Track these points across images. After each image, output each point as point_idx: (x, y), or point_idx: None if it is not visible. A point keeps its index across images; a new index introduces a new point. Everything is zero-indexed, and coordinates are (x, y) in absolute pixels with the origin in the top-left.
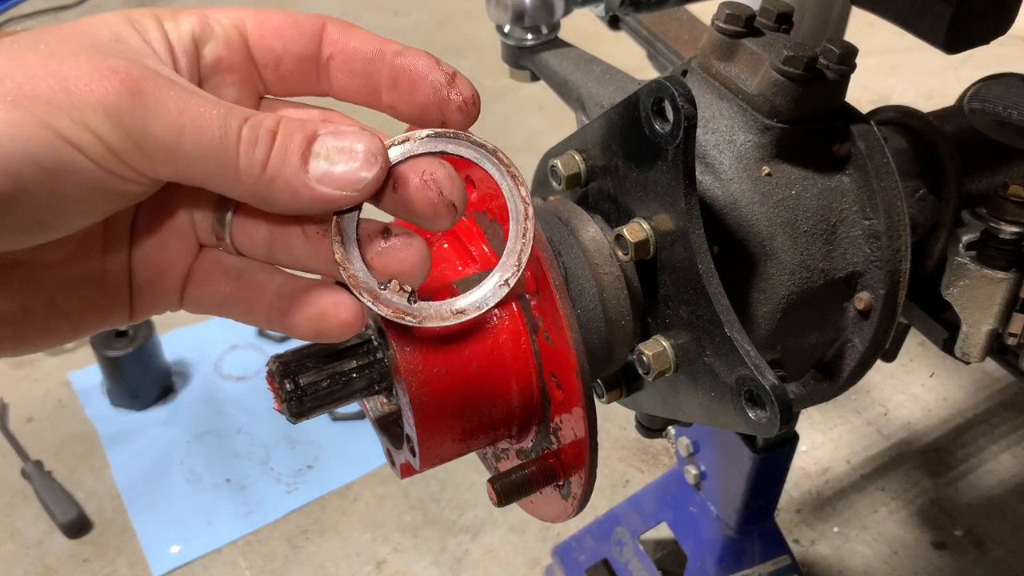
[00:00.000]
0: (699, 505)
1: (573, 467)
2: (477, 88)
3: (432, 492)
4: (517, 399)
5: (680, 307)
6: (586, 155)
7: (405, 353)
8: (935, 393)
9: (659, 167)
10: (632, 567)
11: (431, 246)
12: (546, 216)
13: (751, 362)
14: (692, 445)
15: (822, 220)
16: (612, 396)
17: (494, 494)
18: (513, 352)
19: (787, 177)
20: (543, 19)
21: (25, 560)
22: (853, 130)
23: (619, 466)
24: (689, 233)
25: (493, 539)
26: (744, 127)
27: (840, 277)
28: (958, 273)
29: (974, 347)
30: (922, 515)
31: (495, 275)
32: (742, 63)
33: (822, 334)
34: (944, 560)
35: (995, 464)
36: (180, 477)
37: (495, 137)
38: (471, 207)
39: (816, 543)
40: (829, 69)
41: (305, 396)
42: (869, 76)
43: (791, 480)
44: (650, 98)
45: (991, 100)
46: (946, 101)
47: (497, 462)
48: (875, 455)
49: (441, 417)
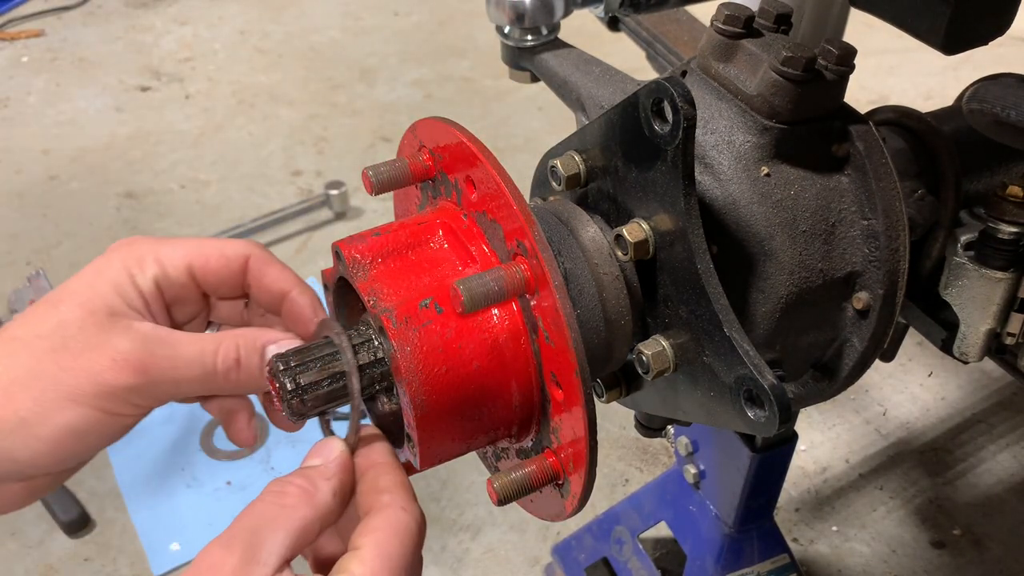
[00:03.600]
0: (698, 504)
1: (573, 466)
2: (477, 88)
3: (432, 491)
4: (517, 399)
5: (679, 307)
6: (586, 155)
7: (405, 353)
8: (933, 393)
9: (658, 167)
10: (631, 566)
11: (431, 246)
12: (546, 216)
13: (750, 362)
14: (691, 444)
15: (821, 220)
16: (611, 396)
17: (494, 493)
18: (513, 352)
19: (786, 177)
20: (543, 20)
21: (26, 559)
22: (852, 130)
23: (618, 465)
24: (688, 233)
25: (493, 538)
26: (743, 127)
27: (839, 277)
28: (956, 273)
29: (972, 347)
30: (920, 514)
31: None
32: (741, 64)
33: (821, 334)
34: (943, 559)
35: (993, 463)
36: (181, 477)
37: (495, 137)
38: (471, 207)
39: (815, 542)
40: (828, 70)
41: (306, 395)
42: (868, 76)
43: (790, 479)
44: (649, 99)
45: (989, 100)
46: (945, 101)
47: (497, 461)
48: (874, 454)
49: (441, 417)
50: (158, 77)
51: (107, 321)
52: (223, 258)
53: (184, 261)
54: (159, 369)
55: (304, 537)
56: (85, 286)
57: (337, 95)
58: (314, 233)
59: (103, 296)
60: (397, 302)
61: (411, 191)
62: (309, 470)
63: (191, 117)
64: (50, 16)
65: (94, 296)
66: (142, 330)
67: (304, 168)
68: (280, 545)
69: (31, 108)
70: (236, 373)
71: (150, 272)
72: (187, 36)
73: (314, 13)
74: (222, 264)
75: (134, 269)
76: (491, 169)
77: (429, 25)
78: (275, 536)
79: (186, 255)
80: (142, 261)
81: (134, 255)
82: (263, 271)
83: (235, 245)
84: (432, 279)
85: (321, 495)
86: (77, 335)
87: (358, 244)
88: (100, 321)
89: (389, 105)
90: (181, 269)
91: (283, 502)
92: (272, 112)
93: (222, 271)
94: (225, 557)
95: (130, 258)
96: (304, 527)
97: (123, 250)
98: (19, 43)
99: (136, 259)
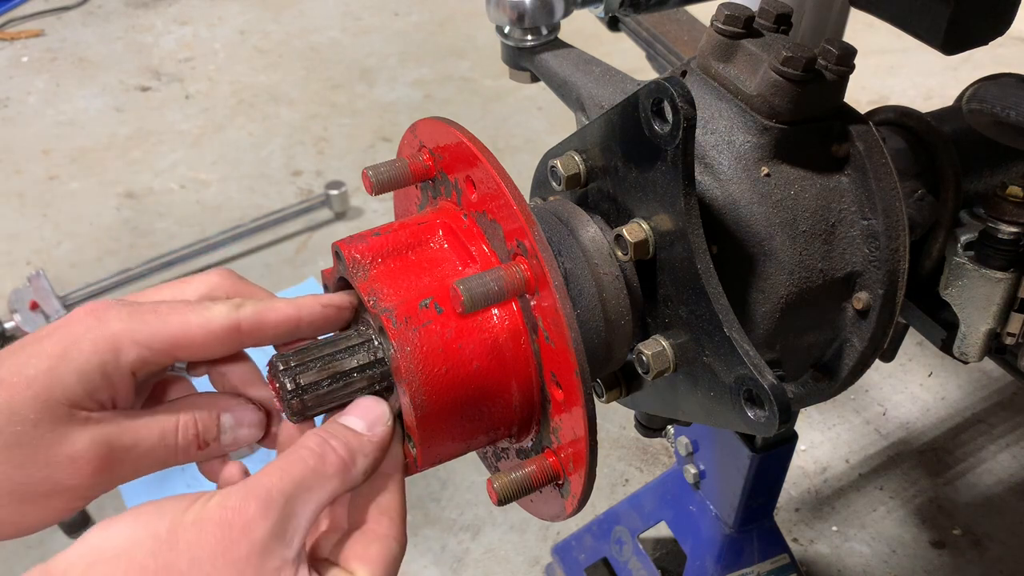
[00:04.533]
0: (698, 504)
1: (573, 466)
2: (477, 88)
3: (432, 491)
4: (517, 399)
5: (679, 307)
6: (586, 156)
7: (406, 353)
8: (933, 393)
9: (658, 167)
10: (631, 566)
11: (431, 246)
12: (546, 216)
13: (750, 362)
14: (691, 444)
15: (821, 220)
16: (611, 396)
17: (494, 493)
18: (513, 352)
19: (786, 177)
20: (543, 20)
21: (27, 559)
22: (852, 130)
23: (618, 465)
24: (688, 233)
25: (493, 538)
26: (743, 128)
27: (839, 277)
28: (956, 273)
29: (972, 347)
30: (920, 514)
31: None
32: (741, 64)
33: (821, 334)
34: (942, 559)
35: (993, 463)
36: (181, 477)
37: (495, 137)
38: (471, 207)
39: (815, 542)
40: (828, 70)
41: (306, 395)
42: (868, 76)
43: (790, 479)
44: (649, 99)
45: (989, 100)
46: (945, 101)
47: (497, 461)
48: (874, 454)
49: (441, 417)
50: (158, 77)
51: (65, 416)
52: (209, 336)
53: (166, 346)
54: (119, 463)
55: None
56: (44, 372)
57: (337, 95)
58: (314, 233)
59: (64, 388)
60: (397, 302)
61: (411, 191)
62: (352, 437)
63: (191, 117)
64: (50, 16)
65: (54, 387)
66: (102, 423)
67: (304, 168)
68: (307, 520)
69: (31, 108)
70: (195, 450)
71: (126, 360)
72: (187, 36)
73: (314, 13)
74: (210, 342)
75: (107, 357)
76: (491, 169)
77: (429, 25)
78: (306, 509)
79: (169, 340)
80: (118, 347)
81: (107, 338)
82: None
83: (220, 318)
84: (432, 279)
85: (355, 472)
86: (32, 432)
87: (358, 244)
88: (57, 416)
89: (389, 105)
90: (163, 355)
91: (323, 470)
92: (272, 112)
93: (211, 348)
94: (259, 520)
95: (102, 341)
96: (331, 499)
97: (94, 328)
98: (19, 43)
99: (110, 344)
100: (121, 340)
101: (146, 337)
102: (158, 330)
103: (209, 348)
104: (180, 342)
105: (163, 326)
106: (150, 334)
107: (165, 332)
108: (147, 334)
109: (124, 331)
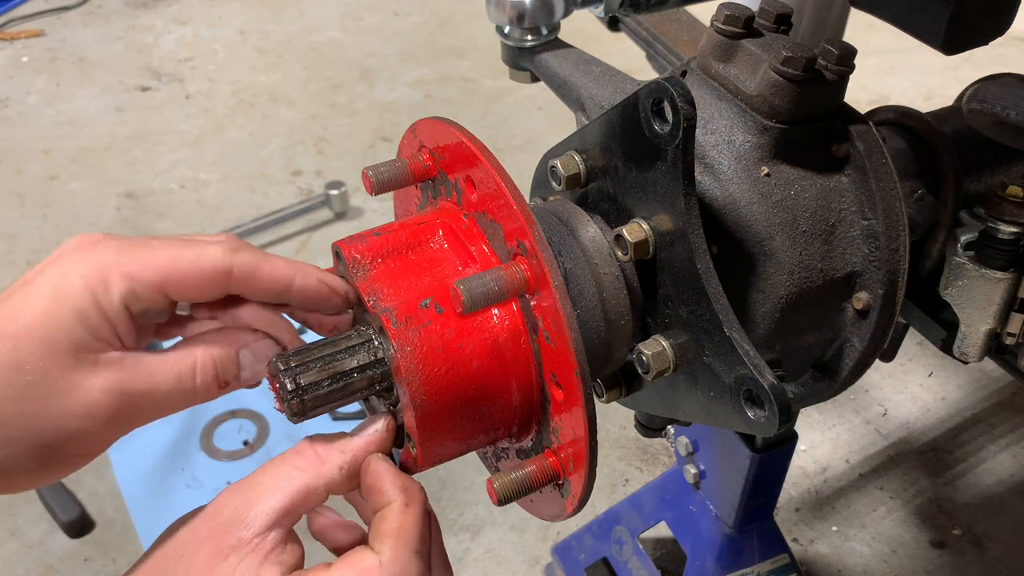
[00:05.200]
0: (698, 504)
1: (573, 466)
2: (477, 88)
3: (432, 491)
4: (517, 399)
5: (679, 307)
6: (586, 155)
7: (405, 353)
8: (933, 393)
9: (658, 167)
10: (631, 566)
11: (431, 246)
12: (546, 216)
13: (750, 362)
14: (691, 444)
15: (821, 220)
16: (611, 396)
17: (494, 493)
18: (513, 352)
19: (786, 177)
20: (543, 20)
21: (27, 559)
22: (852, 130)
23: (618, 465)
24: (688, 233)
25: (493, 538)
26: (743, 128)
27: (839, 277)
28: (956, 273)
29: (972, 347)
30: (921, 514)
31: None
32: (741, 64)
33: (821, 334)
34: (943, 559)
35: (993, 463)
36: (181, 477)
37: (495, 137)
38: (471, 207)
39: (815, 542)
40: (828, 70)
41: (306, 395)
42: (868, 76)
43: (790, 479)
44: (649, 99)
45: (989, 100)
46: (945, 102)
47: (497, 461)
48: (874, 454)
49: (441, 417)
50: (158, 77)
51: (72, 361)
52: (200, 275)
53: (156, 279)
54: (136, 409)
55: (302, 501)
56: (42, 316)
57: (337, 95)
58: (314, 233)
59: (66, 330)
60: (397, 302)
61: (411, 191)
62: (338, 440)
63: (191, 117)
64: (50, 16)
65: (55, 330)
66: (112, 366)
67: (304, 168)
68: (270, 508)
69: (31, 108)
70: (215, 389)
71: (116, 292)
72: (187, 36)
73: (314, 13)
74: (200, 281)
75: (98, 289)
76: (491, 169)
77: (429, 25)
78: (269, 498)
79: (158, 273)
80: (107, 279)
81: (96, 271)
82: (253, 277)
83: (212, 257)
84: (432, 279)
85: (328, 468)
86: (41, 381)
87: (358, 244)
88: (65, 362)
89: (389, 105)
90: (152, 289)
91: (294, 463)
92: (272, 112)
93: (200, 288)
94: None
95: (92, 275)
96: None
97: (83, 262)
98: (19, 43)
99: (100, 276)
100: (109, 272)
101: (134, 270)
102: (147, 263)
103: (199, 289)
104: (170, 277)
105: (152, 259)
106: (138, 267)
107: (154, 266)
108: (134, 267)
109: (112, 263)
